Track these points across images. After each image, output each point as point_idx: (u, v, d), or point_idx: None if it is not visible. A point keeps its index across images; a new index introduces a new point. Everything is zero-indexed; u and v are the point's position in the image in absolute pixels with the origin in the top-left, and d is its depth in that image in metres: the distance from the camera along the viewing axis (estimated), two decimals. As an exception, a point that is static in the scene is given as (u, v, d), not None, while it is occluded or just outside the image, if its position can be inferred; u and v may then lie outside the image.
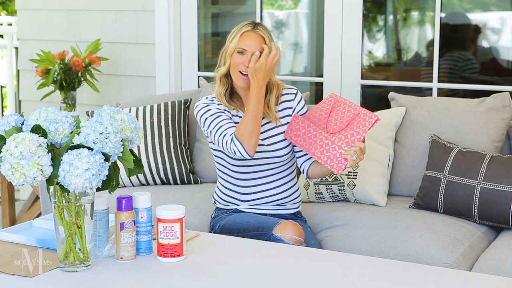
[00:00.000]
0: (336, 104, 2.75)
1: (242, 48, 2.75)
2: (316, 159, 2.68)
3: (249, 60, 2.72)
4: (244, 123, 2.67)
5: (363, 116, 2.65)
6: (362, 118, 2.65)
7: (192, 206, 3.16)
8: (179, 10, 4.16)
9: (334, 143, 2.64)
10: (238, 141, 2.66)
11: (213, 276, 2.06)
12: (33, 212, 4.13)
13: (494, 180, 2.87)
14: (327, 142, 2.66)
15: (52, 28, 4.53)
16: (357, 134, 2.63)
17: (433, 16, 3.77)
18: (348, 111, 2.70)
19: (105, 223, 2.17)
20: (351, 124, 2.65)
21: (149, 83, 4.27)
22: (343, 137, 2.64)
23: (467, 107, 3.19)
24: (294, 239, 2.60)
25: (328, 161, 2.64)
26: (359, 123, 2.64)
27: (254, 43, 2.75)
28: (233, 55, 2.77)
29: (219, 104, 2.81)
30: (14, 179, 1.90)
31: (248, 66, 2.70)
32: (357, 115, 2.66)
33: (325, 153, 2.65)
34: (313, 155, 2.69)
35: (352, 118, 2.66)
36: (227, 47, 2.79)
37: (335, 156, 2.63)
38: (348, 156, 2.58)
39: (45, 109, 2.00)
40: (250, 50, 2.74)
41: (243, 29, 2.77)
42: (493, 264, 2.62)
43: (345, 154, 2.60)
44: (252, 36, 2.76)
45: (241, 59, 2.75)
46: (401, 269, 2.13)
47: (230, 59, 2.77)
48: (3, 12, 9.29)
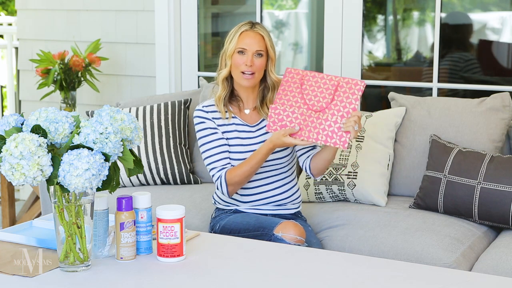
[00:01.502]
0: (304, 80, 2.66)
1: (242, 47, 2.75)
2: (314, 141, 2.60)
3: (251, 60, 2.72)
4: (241, 170, 2.72)
5: (347, 85, 2.60)
6: (347, 87, 2.59)
7: (192, 206, 3.15)
8: (179, 10, 4.16)
9: (328, 120, 2.58)
10: (225, 182, 2.74)
11: (213, 276, 2.06)
12: (33, 212, 4.13)
13: (494, 180, 2.87)
14: (319, 121, 2.59)
15: (52, 28, 4.53)
16: (350, 104, 2.57)
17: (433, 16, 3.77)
18: (324, 84, 2.62)
19: (105, 223, 2.17)
20: (337, 96, 2.59)
21: (149, 83, 4.27)
22: (335, 111, 2.58)
23: (467, 107, 3.19)
24: (295, 238, 2.60)
25: (329, 139, 2.57)
26: (346, 93, 2.59)
27: (253, 42, 2.75)
28: (233, 56, 2.77)
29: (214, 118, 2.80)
30: (14, 179, 1.90)
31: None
32: (337, 85, 2.61)
33: (322, 133, 2.58)
34: (309, 138, 2.60)
35: (334, 90, 2.60)
36: (227, 49, 2.79)
37: (334, 132, 2.57)
38: (350, 127, 2.54)
39: (45, 109, 2.00)
40: (250, 49, 2.75)
41: (241, 29, 2.78)
42: (493, 264, 2.62)
43: (345, 127, 2.55)
44: (251, 35, 2.76)
45: (242, 59, 2.75)
46: (401, 269, 2.13)
47: (230, 61, 2.78)
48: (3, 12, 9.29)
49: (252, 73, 2.75)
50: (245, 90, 2.83)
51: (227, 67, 2.79)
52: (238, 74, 2.77)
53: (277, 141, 2.65)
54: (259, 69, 2.77)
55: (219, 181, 2.75)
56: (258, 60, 2.76)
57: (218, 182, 2.76)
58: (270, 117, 2.67)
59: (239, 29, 2.78)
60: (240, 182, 2.74)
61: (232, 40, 2.77)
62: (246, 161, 2.73)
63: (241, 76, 2.77)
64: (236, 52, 2.76)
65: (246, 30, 2.77)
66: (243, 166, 2.73)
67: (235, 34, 2.78)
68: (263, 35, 2.77)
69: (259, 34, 2.77)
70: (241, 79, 2.78)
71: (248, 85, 2.78)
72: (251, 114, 2.86)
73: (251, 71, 2.75)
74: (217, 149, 2.78)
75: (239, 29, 2.78)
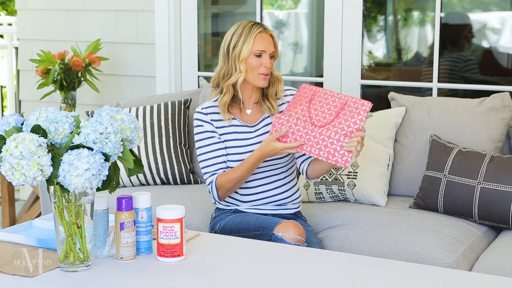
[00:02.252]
0: (315, 95, 2.67)
1: (260, 50, 2.74)
2: (316, 156, 2.60)
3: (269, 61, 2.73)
4: (230, 177, 2.74)
5: (354, 104, 2.60)
6: (353, 106, 2.59)
7: (192, 206, 3.15)
8: (179, 10, 4.16)
9: (331, 137, 2.57)
10: (215, 187, 2.76)
11: (213, 276, 2.06)
12: (33, 212, 4.13)
13: (494, 180, 2.87)
14: (322, 137, 2.58)
15: (52, 28, 4.53)
16: (354, 124, 2.57)
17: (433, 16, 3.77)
18: (333, 101, 2.62)
19: (105, 223, 2.17)
20: (343, 115, 2.59)
21: (149, 83, 4.27)
22: (339, 129, 2.57)
23: (467, 107, 3.19)
24: (295, 238, 2.60)
25: (330, 156, 2.57)
26: (351, 112, 2.58)
27: (268, 44, 2.76)
28: (248, 59, 2.75)
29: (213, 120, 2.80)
30: (14, 179, 1.90)
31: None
32: (345, 104, 2.60)
33: (324, 149, 2.57)
34: (311, 153, 2.60)
35: (340, 108, 2.60)
36: (240, 51, 2.74)
37: (336, 150, 2.56)
38: (352, 148, 2.53)
39: (45, 109, 2.00)
40: (268, 51, 2.75)
41: (254, 30, 2.75)
42: (493, 264, 2.62)
43: (348, 146, 2.54)
44: (266, 37, 2.76)
45: (260, 61, 2.74)
46: (401, 269, 2.13)
47: (245, 65, 2.75)
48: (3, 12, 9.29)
49: (268, 73, 2.77)
50: (250, 90, 2.83)
51: (243, 72, 2.76)
52: (256, 76, 2.76)
53: (265, 147, 2.65)
54: (272, 68, 2.80)
55: (210, 186, 2.78)
56: (271, 61, 2.78)
57: (209, 187, 2.79)
58: (273, 126, 2.67)
59: (252, 31, 2.74)
60: (230, 188, 2.76)
61: (245, 43, 2.73)
62: (236, 168, 2.74)
63: (260, 78, 2.76)
64: (253, 55, 2.75)
65: (260, 32, 2.76)
66: (232, 173, 2.74)
67: (249, 36, 2.74)
68: (273, 35, 2.79)
69: (270, 35, 2.78)
70: (259, 80, 2.77)
71: (265, 85, 2.79)
72: (252, 112, 2.86)
73: (268, 72, 2.76)
74: (212, 153, 2.79)
75: (252, 31, 2.74)
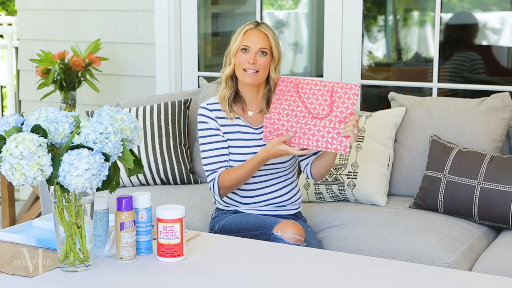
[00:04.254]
0: (299, 87, 2.68)
1: (245, 45, 2.75)
2: (315, 148, 2.62)
3: (254, 57, 2.72)
4: (233, 175, 2.74)
5: (341, 90, 2.62)
6: (342, 92, 2.61)
7: (192, 206, 3.16)
8: (179, 10, 4.16)
9: (326, 126, 2.59)
10: (217, 185, 2.76)
11: (213, 276, 2.06)
12: (33, 212, 4.13)
13: (494, 180, 2.87)
14: (317, 128, 2.60)
15: (52, 28, 4.53)
16: (346, 109, 2.59)
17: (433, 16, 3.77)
18: (319, 90, 2.64)
19: (105, 223, 2.17)
20: (333, 103, 2.61)
21: (149, 83, 4.27)
22: (332, 117, 2.59)
23: (467, 107, 3.19)
24: (294, 238, 2.60)
25: (329, 145, 2.59)
26: (341, 98, 2.61)
27: (257, 40, 2.75)
28: (237, 54, 2.77)
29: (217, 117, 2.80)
30: (14, 179, 1.90)
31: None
32: (332, 91, 2.63)
33: (322, 139, 2.60)
34: (309, 146, 2.62)
35: (330, 96, 2.62)
36: (231, 47, 2.79)
37: (333, 138, 2.59)
38: (349, 132, 2.57)
39: (45, 109, 2.00)
40: (254, 47, 2.74)
41: (246, 27, 2.78)
42: (493, 264, 2.62)
43: (344, 132, 2.58)
44: (255, 34, 2.76)
45: (245, 57, 2.75)
46: (401, 269, 2.13)
47: (235, 59, 2.78)
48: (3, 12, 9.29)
49: (256, 71, 2.75)
50: (249, 91, 2.82)
51: (231, 65, 2.79)
52: (241, 72, 2.77)
53: (272, 150, 2.66)
54: (263, 67, 2.76)
55: (212, 183, 2.78)
56: (262, 58, 2.75)
57: (211, 184, 2.79)
58: (265, 127, 2.68)
59: (244, 28, 2.78)
60: (232, 186, 2.77)
61: (236, 39, 2.78)
62: (239, 167, 2.74)
63: (244, 74, 2.76)
64: (240, 50, 2.76)
65: (250, 29, 2.78)
66: (235, 172, 2.74)
67: (240, 33, 2.78)
68: (267, 34, 2.77)
69: (263, 33, 2.77)
70: (244, 76, 2.77)
71: (251, 82, 2.77)
72: (255, 116, 2.85)
73: (254, 69, 2.74)
74: (215, 151, 2.79)
75: (244, 28, 2.78)
